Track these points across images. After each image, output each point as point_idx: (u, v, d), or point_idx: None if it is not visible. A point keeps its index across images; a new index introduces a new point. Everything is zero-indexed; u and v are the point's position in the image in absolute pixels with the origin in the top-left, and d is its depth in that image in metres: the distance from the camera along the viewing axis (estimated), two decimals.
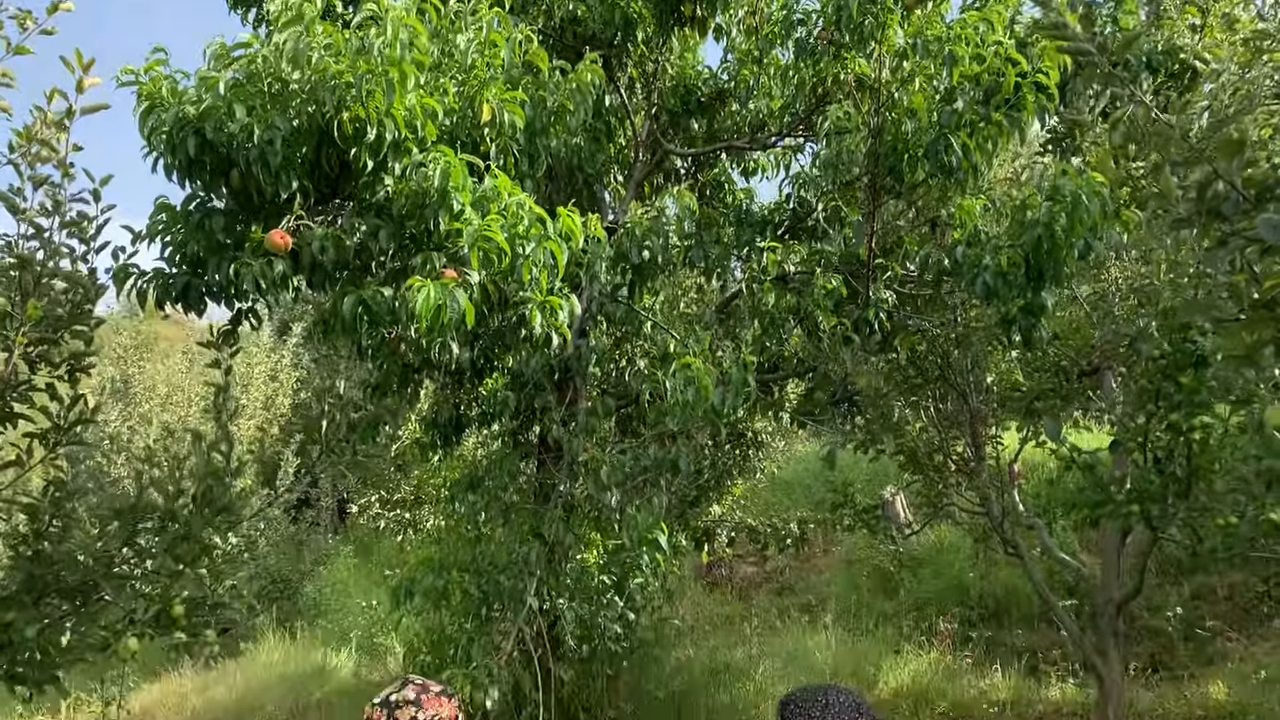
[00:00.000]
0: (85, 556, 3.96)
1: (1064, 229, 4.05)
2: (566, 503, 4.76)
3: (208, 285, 3.62)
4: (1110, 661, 5.36)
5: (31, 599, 3.97)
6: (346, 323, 3.29)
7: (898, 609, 9.00)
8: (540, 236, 3.29)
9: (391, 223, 3.35)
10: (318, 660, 8.07)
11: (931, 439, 6.11)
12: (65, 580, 4.03)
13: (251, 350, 12.74)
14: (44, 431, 3.97)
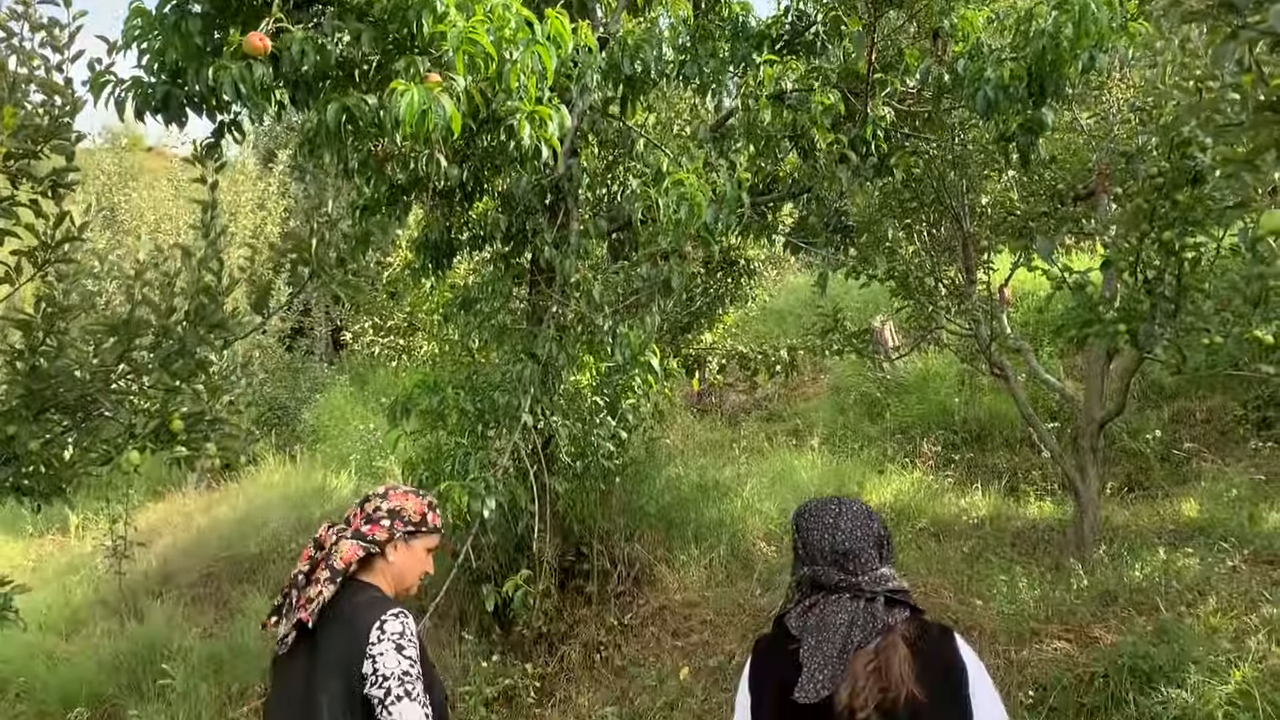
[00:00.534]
0: (82, 372, 4.00)
1: (1069, 39, 3.94)
2: (559, 323, 4.79)
3: (188, 94, 3.52)
4: (1089, 479, 5.53)
5: (31, 414, 4.03)
6: (331, 132, 3.21)
7: (882, 433, 9.21)
8: (528, 40, 3.18)
9: (373, 27, 3.23)
10: (318, 481, 8.29)
11: (924, 263, 6.11)
12: (64, 397, 4.08)
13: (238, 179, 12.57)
14: (31, 250, 3.94)
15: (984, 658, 4.43)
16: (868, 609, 2.00)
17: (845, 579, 2.05)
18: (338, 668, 2.35)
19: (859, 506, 2.18)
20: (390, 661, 2.33)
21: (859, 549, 2.08)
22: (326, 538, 2.59)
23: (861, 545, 2.10)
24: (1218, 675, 3.79)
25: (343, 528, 2.61)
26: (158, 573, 7.12)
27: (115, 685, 5.75)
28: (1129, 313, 4.50)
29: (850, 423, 9.64)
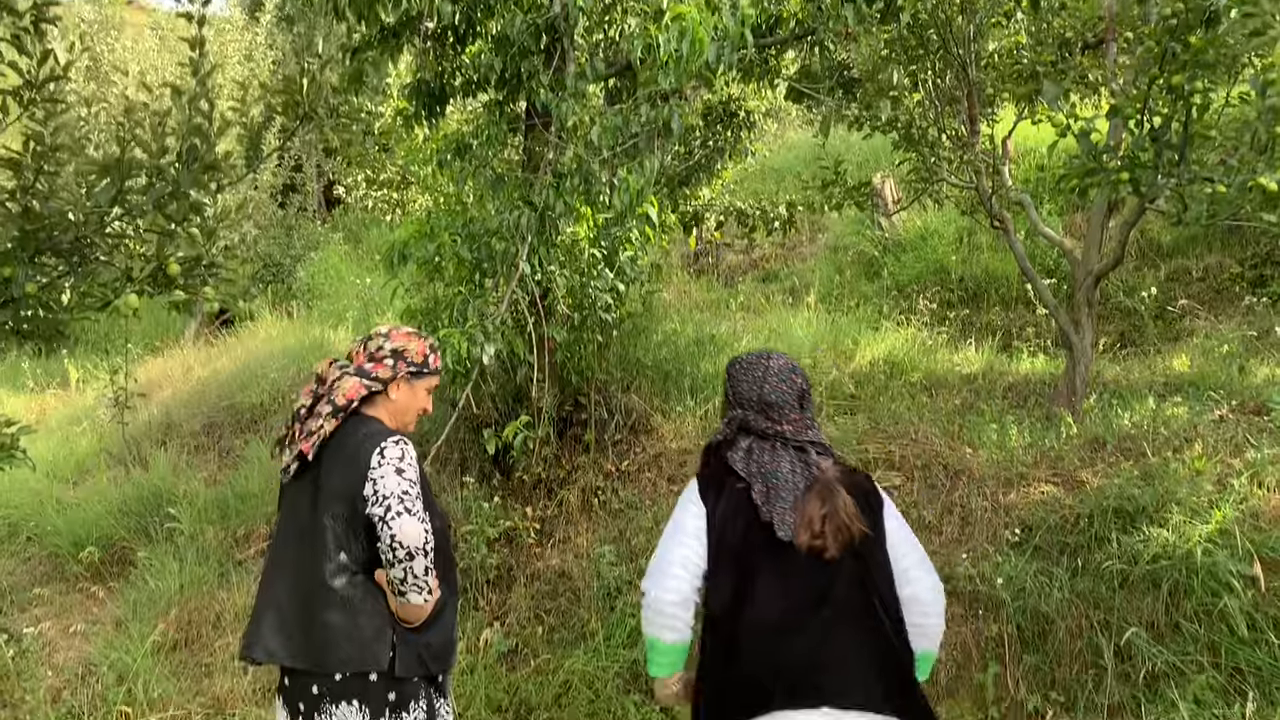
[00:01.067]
0: (76, 214, 3.96)
1: None
2: (556, 170, 4.72)
3: None
4: (1083, 331, 5.57)
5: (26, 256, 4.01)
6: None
7: (879, 291, 9.22)
8: None
9: None
10: (316, 335, 8.32)
11: (927, 112, 6.00)
12: (58, 239, 4.06)
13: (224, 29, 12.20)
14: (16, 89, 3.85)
15: (972, 501, 4.56)
16: (801, 458, 2.36)
17: (771, 426, 2.39)
18: (341, 494, 2.47)
19: (784, 362, 2.50)
20: (390, 482, 2.42)
21: (782, 401, 2.41)
22: (329, 373, 2.69)
23: (785, 397, 2.42)
24: (1199, 515, 3.91)
25: (345, 364, 2.70)
26: (160, 423, 7.21)
27: (123, 529, 5.91)
28: (1133, 161, 4.45)
29: (847, 281, 9.65)
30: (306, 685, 2.46)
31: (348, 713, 2.45)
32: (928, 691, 3.96)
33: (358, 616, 2.48)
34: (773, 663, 2.20)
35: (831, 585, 2.24)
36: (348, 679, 2.46)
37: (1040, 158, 9.98)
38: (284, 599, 2.53)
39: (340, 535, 2.49)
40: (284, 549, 2.59)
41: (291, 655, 2.49)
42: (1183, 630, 3.66)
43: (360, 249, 13.02)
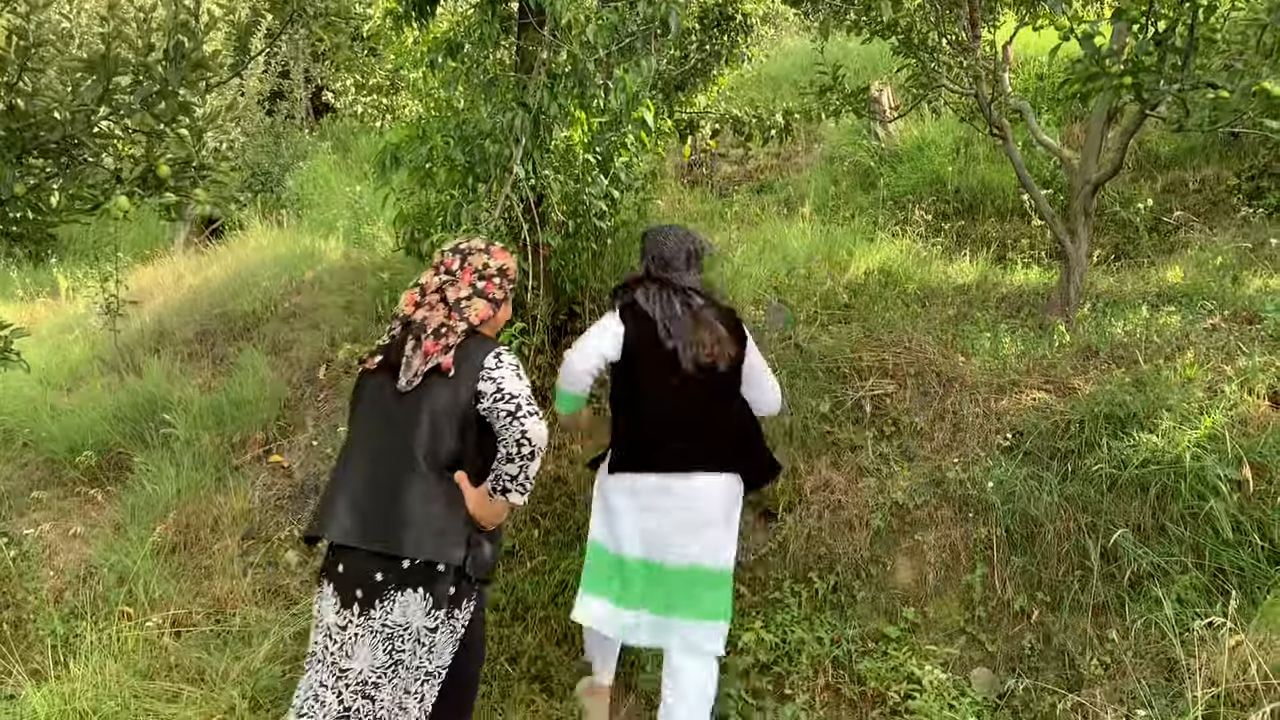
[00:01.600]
0: (62, 113, 3.88)
1: None
2: (550, 71, 4.63)
3: None
4: (1079, 240, 5.56)
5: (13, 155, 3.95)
6: None
7: (874, 202, 9.15)
8: None
9: None
10: (306, 245, 8.25)
11: (928, 15, 5.89)
12: (45, 139, 4.00)
13: None
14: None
15: (964, 407, 4.60)
16: (685, 299, 3.39)
17: (667, 276, 3.45)
18: (449, 388, 2.64)
19: (681, 231, 3.59)
20: (514, 384, 2.67)
21: (675, 258, 3.48)
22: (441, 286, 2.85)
23: (677, 255, 3.49)
24: (1189, 421, 3.95)
25: (449, 279, 2.86)
26: (152, 331, 7.19)
27: (119, 434, 5.93)
28: (1136, 66, 4.38)
29: (842, 192, 9.56)
30: (370, 570, 2.58)
31: (411, 599, 2.58)
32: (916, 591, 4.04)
33: (441, 510, 2.62)
34: (660, 439, 3.31)
35: (706, 393, 3.34)
36: (416, 567, 2.58)
37: (1040, 66, 9.83)
38: (365, 485, 2.66)
39: (439, 431, 2.63)
40: (369, 438, 2.72)
41: (366, 537, 2.59)
42: (1168, 532, 3.73)
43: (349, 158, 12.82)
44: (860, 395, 4.77)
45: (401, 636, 2.59)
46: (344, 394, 5.85)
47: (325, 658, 2.65)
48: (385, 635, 2.59)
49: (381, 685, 2.61)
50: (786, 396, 3.95)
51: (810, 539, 4.32)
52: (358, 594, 2.58)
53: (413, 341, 2.71)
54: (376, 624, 2.58)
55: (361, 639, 2.59)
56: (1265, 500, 3.63)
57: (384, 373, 2.74)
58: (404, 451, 2.63)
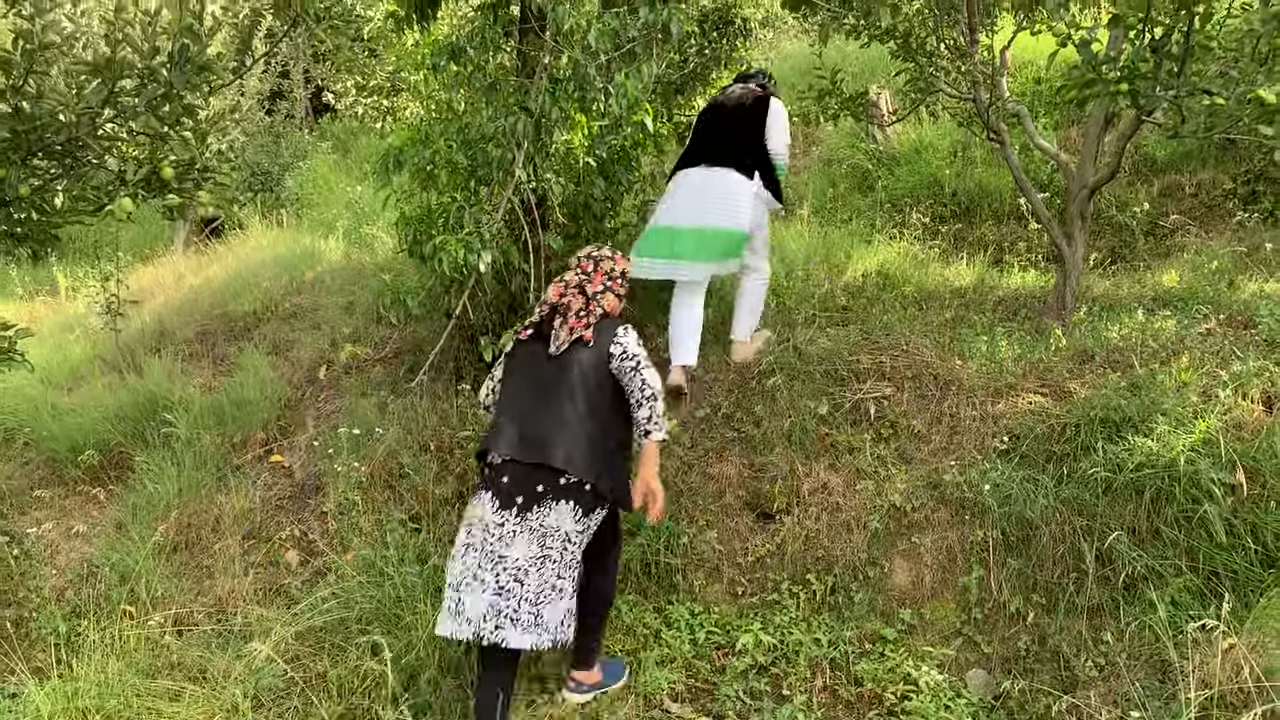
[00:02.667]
0: (67, 115, 3.91)
1: None
2: (551, 75, 4.67)
3: None
4: (1075, 244, 5.60)
5: (19, 157, 3.98)
6: None
7: (872, 205, 9.19)
8: None
9: None
10: (307, 245, 8.28)
11: (926, 20, 5.93)
12: (50, 141, 4.02)
13: None
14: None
15: (961, 410, 4.64)
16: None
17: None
18: (590, 353, 3.52)
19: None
20: (635, 348, 3.56)
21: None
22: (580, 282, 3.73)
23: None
24: (1184, 425, 3.98)
25: (586, 278, 3.73)
26: (153, 330, 7.21)
27: (120, 434, 5.96)
28: (1132, 72, 4.42)
29: (840, 195, 9.60)
30: (534, 482, 3.40)
31: (564, 508, 3.39)
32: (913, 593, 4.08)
33: (587, 443, 3.42)
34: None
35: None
36: (571, 484, 3.40)
37: (1038, 70, 9.87)
38: (527, 418, 3.47)
39: (585, 383, 3.48)
40: (528, 387, 3.55)
41: (530, 455, 3.40)
42: (1163, 535, 3.76)
43: (349, 158, 12.86)
44: (858, 398, 4.80)
45: (553, 536, 3.38)
46: (345, 394, 5.88)
47: (483, 548, 3.39)
48: (540, 534, 3.37)
49: (530, 573, 3.36)
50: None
51: (808, 540, 4.35)
52: (518, 500, 3.38)
53: (560, 319, 3.60)
54: (534, 524, 3.37)
55: (519, 535, 3.37)
56: (1258, 504, 3.66)
57: (536, 341, 3.62)
58: (557, 398, 3.45)
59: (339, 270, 7.41)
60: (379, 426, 5.22)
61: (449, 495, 4.88)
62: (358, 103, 9.24)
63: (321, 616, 4.07)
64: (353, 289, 6.96)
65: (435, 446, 5.12)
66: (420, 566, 4.23)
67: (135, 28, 3.84)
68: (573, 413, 3.43)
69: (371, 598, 4.09)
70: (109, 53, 3.79)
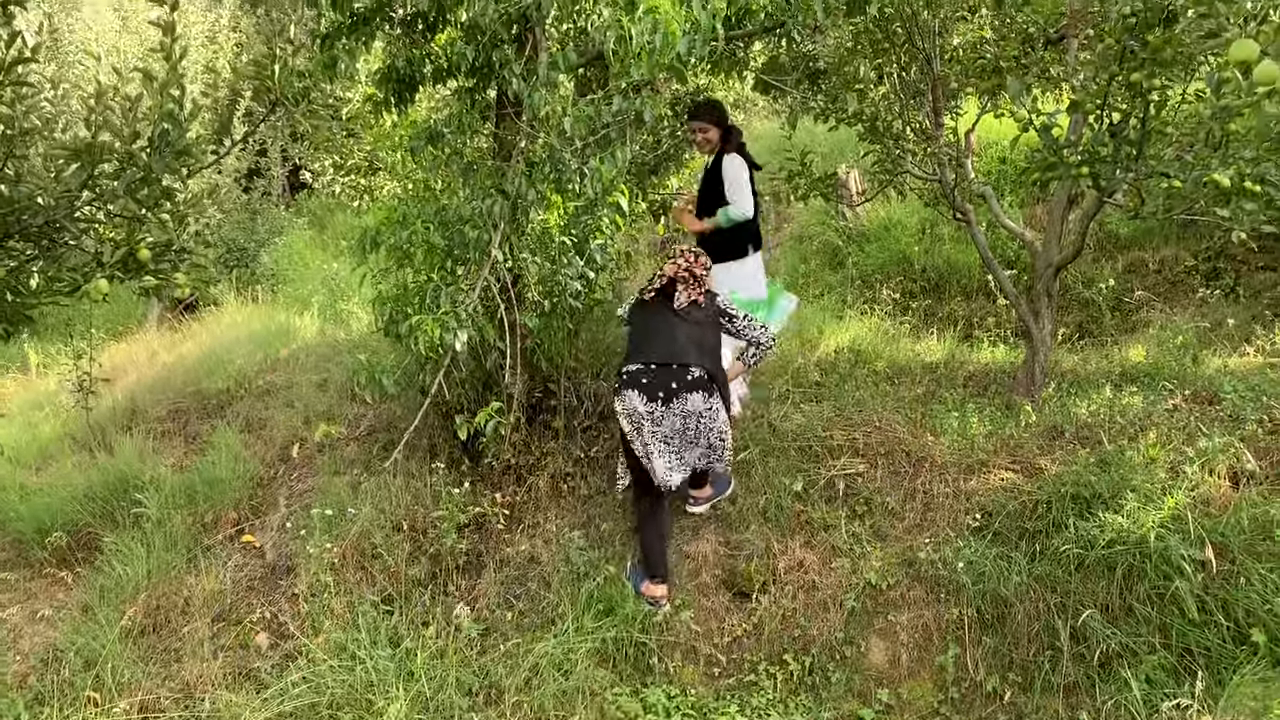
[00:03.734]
0: (45, 198, 3.94)
1: None
2: (528, 159, 4.75)
3: None
4: (1042, 321, 5.70)
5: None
6: None
7: (843, 281, 9.33)
8: None
9: None
10: (281, 322, 8.28)
11: (892, 105, 6.09)
12: (27, 224, 4.04)
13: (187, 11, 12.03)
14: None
15: (934, 487, 4.67)
16: None
17: None
18: (703, 311, 4.78)
19: None
20: (734, 309, 4.86)
21: None
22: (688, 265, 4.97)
23: None
24: (1153, 501, 4.03)
25: (689, 264, 4.96)
26: (125, 408, 7.15)
27: (89, 514, 5.87)
28: (1092, 156, 4.56)
29: (812, 271, 9.75)
30: (669, 380, 4.52)
31: (697, 397, 4.50)
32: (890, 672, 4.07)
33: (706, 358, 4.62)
34: None
35: None
36: (696, 378, 4.52)
37: (1002, 150, 10.12)
38: (665, 342, 4.66)
39: (704, 328, 4.73)
40: (663, 325, 4.75)
41: (672, 360, 4.58)
42: (1136, 613, 3.78)
43: (325, 234, 12.93)
44: (832, 474, 4.83)
45: (692, 416, 4.52)
46: (318, 472, 5.84)
47: (644, 430, 4.53)
48: (682, 416, 4.51)
49: (686, 447, 4.58)
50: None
51: (785, 619, 4.34)
52: (660, 395, 4.49)
53: (681, 285, 4.86)
54: (677, 411, 4.50)
55: (668, 418, 4.50)
56: (1229, 580, 3.70)
57: (660, 300, 4.86)
58: (684, 332, 4.68)
59: (313, 347, 7.41)
60: (351, 506, 5.19)
61: (421, 576, 4.84)
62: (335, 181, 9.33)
63: (292, 702, 4.00)
64: (327, 366, 6.96)
65: (409, 526, 5.09)
66: (392, 650, 4.17)
67: (115, 112, 3.89)
68: (694, 340, 4.66)
69: (343, 682, 4.03)
70: (89, 137, 3.83)
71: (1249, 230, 4.33)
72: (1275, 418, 4.63)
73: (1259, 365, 5.94)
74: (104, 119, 3.85)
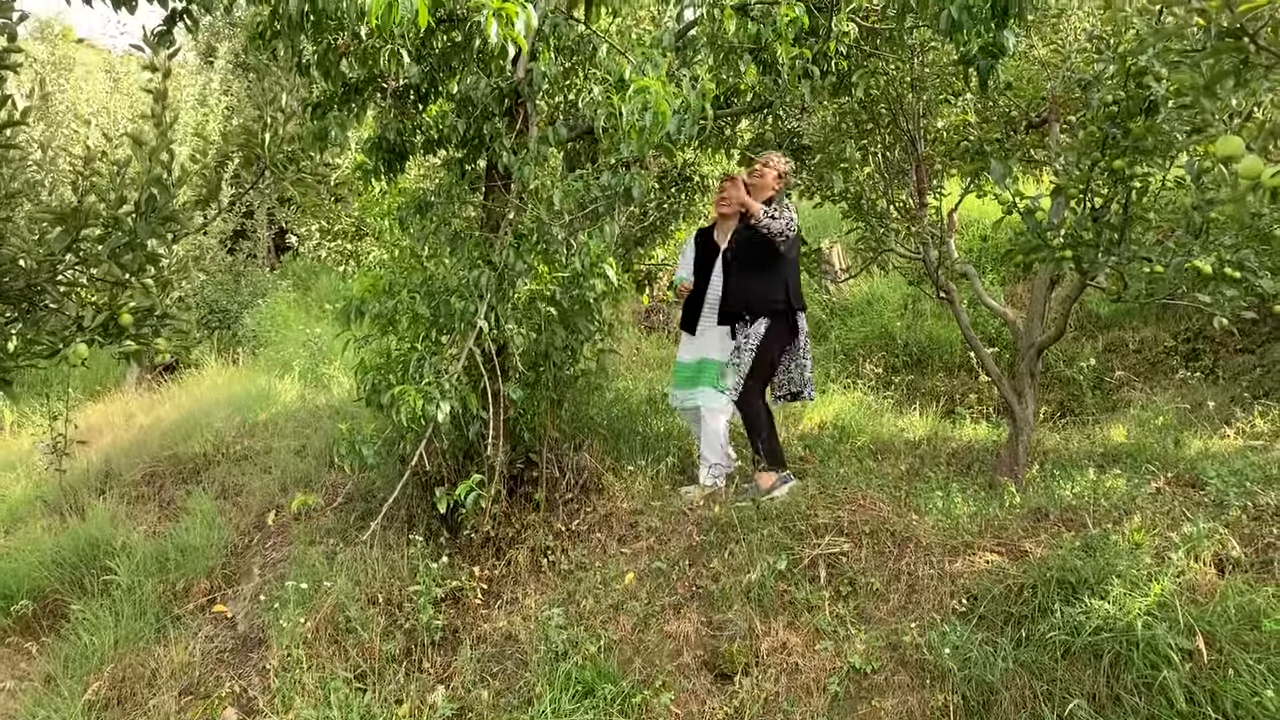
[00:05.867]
0: (28, 262, 3.91)
1: None
2: (516, 230, 4.77)
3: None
4: (1025, 401, 5.70)
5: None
6: (294, 21, 3.13)
7: (826, 354, 9.36)
8: None
9: None
10: (262, 385, 8.21)
11: (877, 184, 6.17)
12: (8, 286, 4.00)
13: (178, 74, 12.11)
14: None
15: (919, 569, 4.62)
16: None
17: None
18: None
19: None
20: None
21: None
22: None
23: None
24: (1139, 588, 3.99)
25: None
26: (99, 471, 7.05)
27: (57, 580, 5.74)
28: (1075, 240, 4.61)
29: None
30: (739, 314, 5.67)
31: (760, 322, 5.55)
32: None
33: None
34: None
35: None
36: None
37: (984, 228, 10.26)
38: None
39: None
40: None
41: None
42: (1123, 702, 3.72)
43: (309, 296, 12.91)
44: (816, 554, 4.78)
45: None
46: (294, 541, 5.75)
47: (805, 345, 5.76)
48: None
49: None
50: None
51: (768, 704, 4.25)
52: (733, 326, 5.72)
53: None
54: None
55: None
56: (1217, 670, 3.65)
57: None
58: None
59: (293, 412, 7.34)
60: (327, 579, 5.08)
61: (396, 652, 4.72)
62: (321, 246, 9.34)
63: None
64: (306, 432, 6.89)
65: (384, 599, 4.98)
66: None
67: (103, 176, 3.88)
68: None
69: None
70: (75, 201, 3.81)
71: (1230, 316, 4.37)
72: (1259, 504, 4.62)
73: (1239, 448, 5.96)
74: (91, 183, 3.84)
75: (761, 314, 5.61)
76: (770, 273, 5.61)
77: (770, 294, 5.60)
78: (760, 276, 5.61)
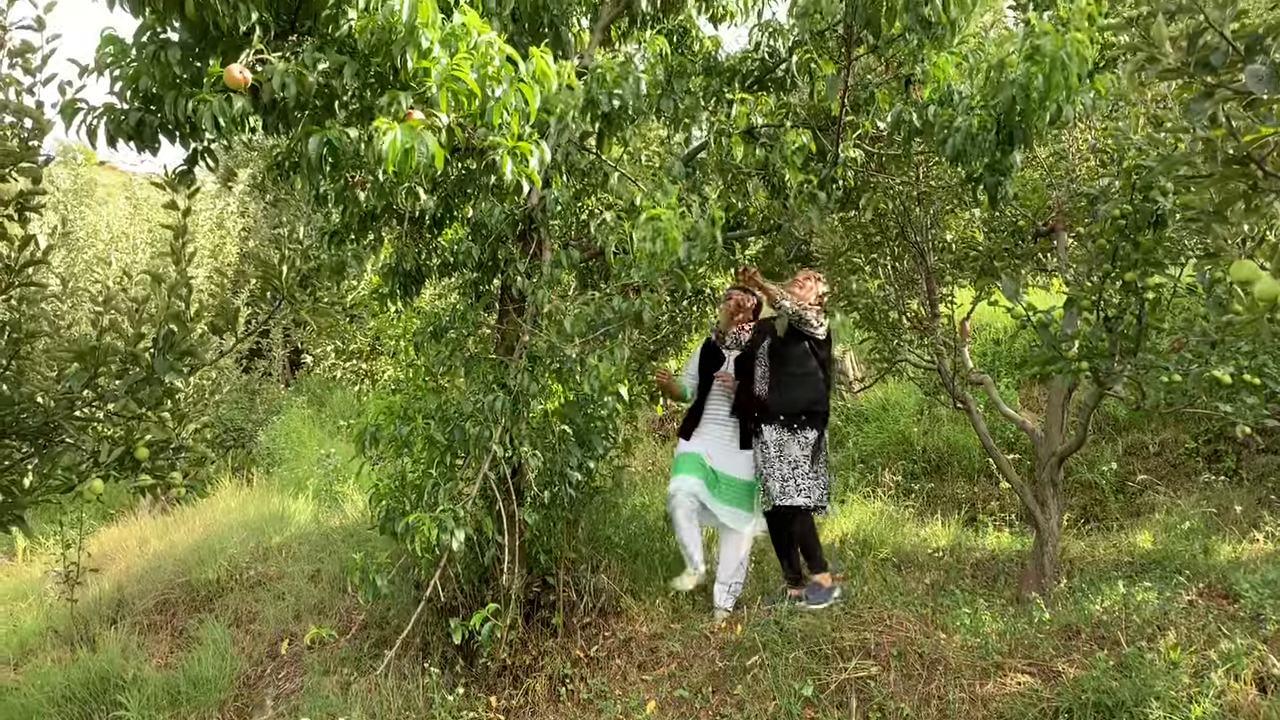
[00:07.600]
0: (45, 399, 3.92)
1: (1039, 91, 4.02)
2: (530, 353, 4.78)
3: (163, 122, 3.48)
4: (1049, 510, 5.62)
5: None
6: (312, 163, 3.19)
7: (844, 462, 9.28)
8: (512, 78, 3.19)
9: (356, 60, 3.22)
10: (276, 507, 8.17)
11: (888, 296, 6.19)
12: (25, 423, 4.01)
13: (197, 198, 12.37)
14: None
15: (949, 692, 4.49)
16: None
17: None
18: None
19: None
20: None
21: None
22: None
23: None
24: (1178, 710, 3.86)
25: None
26: (111, 599, 6.96)
27: (66, 717, 5.62)
28: (1090, 350, 4.60)
29: None
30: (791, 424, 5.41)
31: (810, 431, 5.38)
32: None
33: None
34: None
35: None
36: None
37: (997, 331, 10.28)
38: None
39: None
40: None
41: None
42: None
43: (323, 412, 12.94)
44: (844, 678, 4.64)
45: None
46: (307, 670, 5.63)
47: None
48: None
49: None
50: None
51: None
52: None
53: None
54: None
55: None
56: None
57: None
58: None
59: (307, 535, 7.28)
60: (341, 713, 4.96)
61: None
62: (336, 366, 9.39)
63: None
64: (320, 556, 6.81)
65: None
66: None
67: (123, 315, 3.93)
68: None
69: None
70: (94, 338, 3.84)
71: (1253, 424, 4.32)
72: None
73: (1270, 553, 5.83)
74: (110, 321, 3.88)
75: (812, 425, 5.39)
76: (811, 376, 5.42)
77: (815, 398, 5.40)
78: (803, 381, 5.40)
